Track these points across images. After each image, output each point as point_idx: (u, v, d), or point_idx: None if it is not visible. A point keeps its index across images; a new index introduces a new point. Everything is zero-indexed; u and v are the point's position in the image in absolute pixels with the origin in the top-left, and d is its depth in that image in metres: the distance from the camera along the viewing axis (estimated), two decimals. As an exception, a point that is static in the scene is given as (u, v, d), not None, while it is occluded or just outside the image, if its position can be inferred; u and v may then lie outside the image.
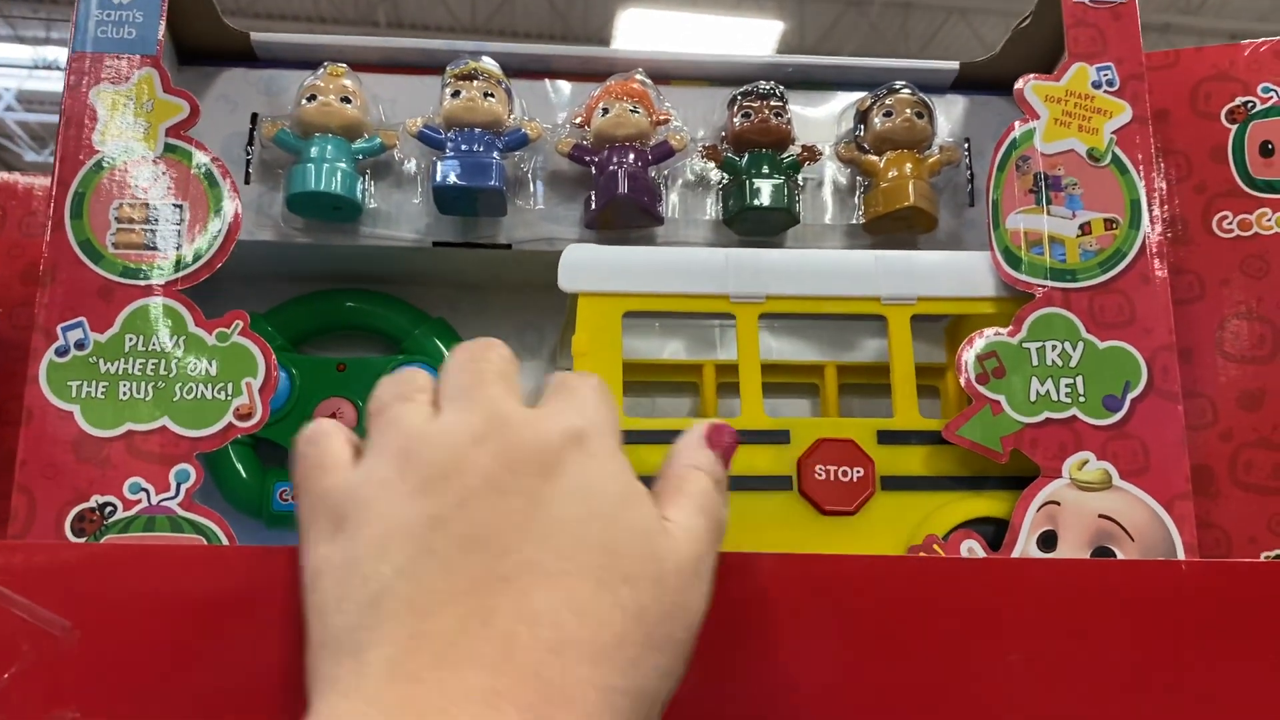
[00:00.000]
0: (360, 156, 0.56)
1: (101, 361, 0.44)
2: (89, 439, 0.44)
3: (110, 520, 0.43)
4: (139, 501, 0.43)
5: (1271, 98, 0.60)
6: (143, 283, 0.46)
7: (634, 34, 5.26)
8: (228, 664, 0.36)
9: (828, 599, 0.38)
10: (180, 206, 0.47)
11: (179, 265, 0.46)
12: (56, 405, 0.44)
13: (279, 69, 0.59)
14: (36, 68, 5.76)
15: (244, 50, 0.59)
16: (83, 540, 0.43)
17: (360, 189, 0.56)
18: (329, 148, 0.55)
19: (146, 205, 0.46)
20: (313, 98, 0.56)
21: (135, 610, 0.37)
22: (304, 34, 0.60)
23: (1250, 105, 0.60)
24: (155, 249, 0.46)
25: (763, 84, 0.59)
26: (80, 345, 0.45)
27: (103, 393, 0.44)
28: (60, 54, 5.64)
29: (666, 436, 0.48)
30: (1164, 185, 0.58)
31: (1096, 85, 0.52)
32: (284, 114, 0.58)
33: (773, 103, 0.58)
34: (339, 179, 0.55)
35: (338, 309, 0.62)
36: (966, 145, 0.61)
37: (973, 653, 0.39)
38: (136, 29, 0.48)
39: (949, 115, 0.62)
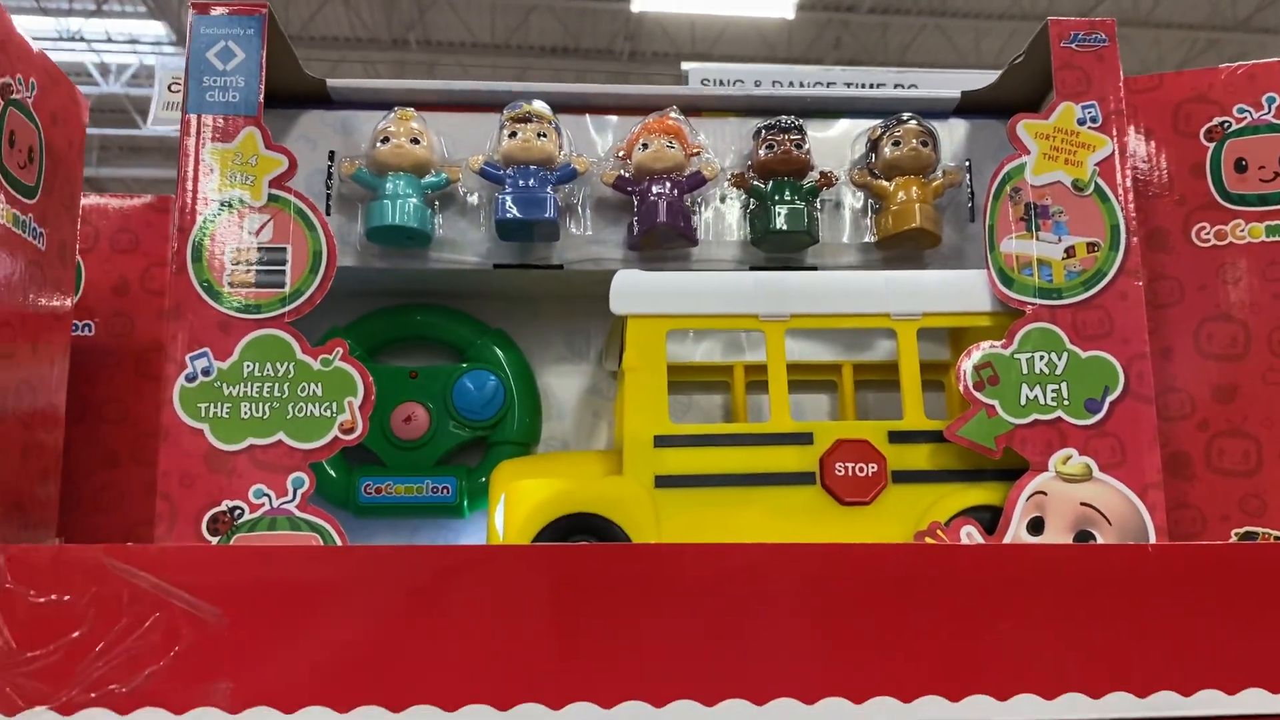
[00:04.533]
0: (429, 191, 0.64)
1: (225, 386, 0.52)
2: (217, 452, 0.52)
3: (239, 521, 0.51)
4: (262, 505, 0.51)
5: (1246, 118, 0.66)
6: (256, 317, 0.53)
7: (653, 3, 5.33)
8: (346, 643, 0.44)
9: (850, 581, 0.46)
10: (284, 249, 0.54)
11: (285, 300, 0.54)
12: (189, 424, 0.52)
13: (352, 110, 0.67)
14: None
15: (321, 94, 0.66)
16: (217, 539, 0.51)
17: (430, 220, 0.64)
18: (401, 184, 0.63)
19: (256, 249, 0.54)
20: (386, 140, 0.63)
21: (271, 597, 0.44)
22: (374, 79, 0.68)
23: (1226, 125, 0.66)
24: (265, 287, 0.54)
25: (785, 119, 0.65)
26: (206, 372, 0.52)
27: (227, 412, 0.52)
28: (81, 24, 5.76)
29: (708, 440, 0.56)
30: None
31: (1081, 122, 0.58)
32: (358, 152, 0.65)
33: (793, 135, 0.65)
34: (412, 212, 0.62)
35: (409, 322, 0.69)
36: (968, 165, 0.68)
37: (970, 623, 0.46)
38: (239, 93, 0.56)
39: (951, 138, 0.69)
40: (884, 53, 6.06)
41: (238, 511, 0.51)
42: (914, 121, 0.65)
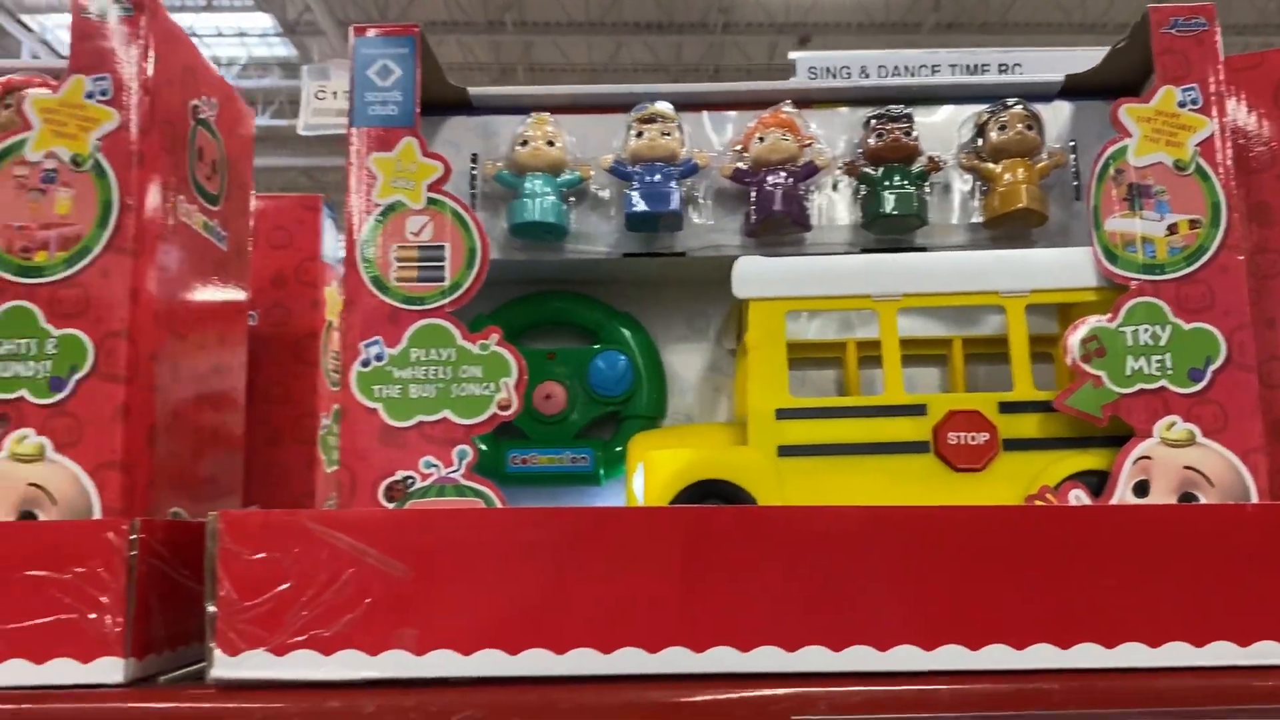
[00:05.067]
0: (564, 188, 0.70)
1: (395, 370, 0.59)
2: (390, 428, 0.58)
3: (411, 489, 0.58)
4: (431, 474, 0.58)
5: (1346, 91, 0.68)
6: (420, 308, 0.60)
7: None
8: (513, 593, 0.50)
9: (964, 541, 0.50)
10: (442, 247, 0.60)
11: (445, 293, 0.60)
12: (364, 404, 0.59)
13: (491, 115, 0.73)
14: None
15: (463, 101, 0.72)
16: (393, 505, 0.57)
17: (565, 215, 0.69)
18: (539, 183, 0.69)
19: (417, 248, 0.60)
20: (525, 143, 0.69)
21: (447, 554, 0.51)
22: (511, 86, 0.74)
23: (1327, 98, 0.68)
24: (427, 281, 0.60)
25: (893, 108, 0.69)
26: (379, 358, 0.59)
27: (398, 393, 0.59)
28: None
29: (827, 413, 0.60)
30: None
31: (1182, 104, 0.61)
32: (497, 155, 0.71)
33: (902, 123, 0.69)
34: (550, 209, 0.68)
35: (546, 308, 0.75)
36: (1073, 145, 0.71)
37: (1080, 576, 0.50)
38: (398, 106, 0.62)
39: (1056, 120, 0.72)
40: (985, 12, 5.94)
41: (409, 481, 0.58)
42: (1019, 106, 0.69)
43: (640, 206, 0.68)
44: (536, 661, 0.49)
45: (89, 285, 0.55)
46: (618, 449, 0.73)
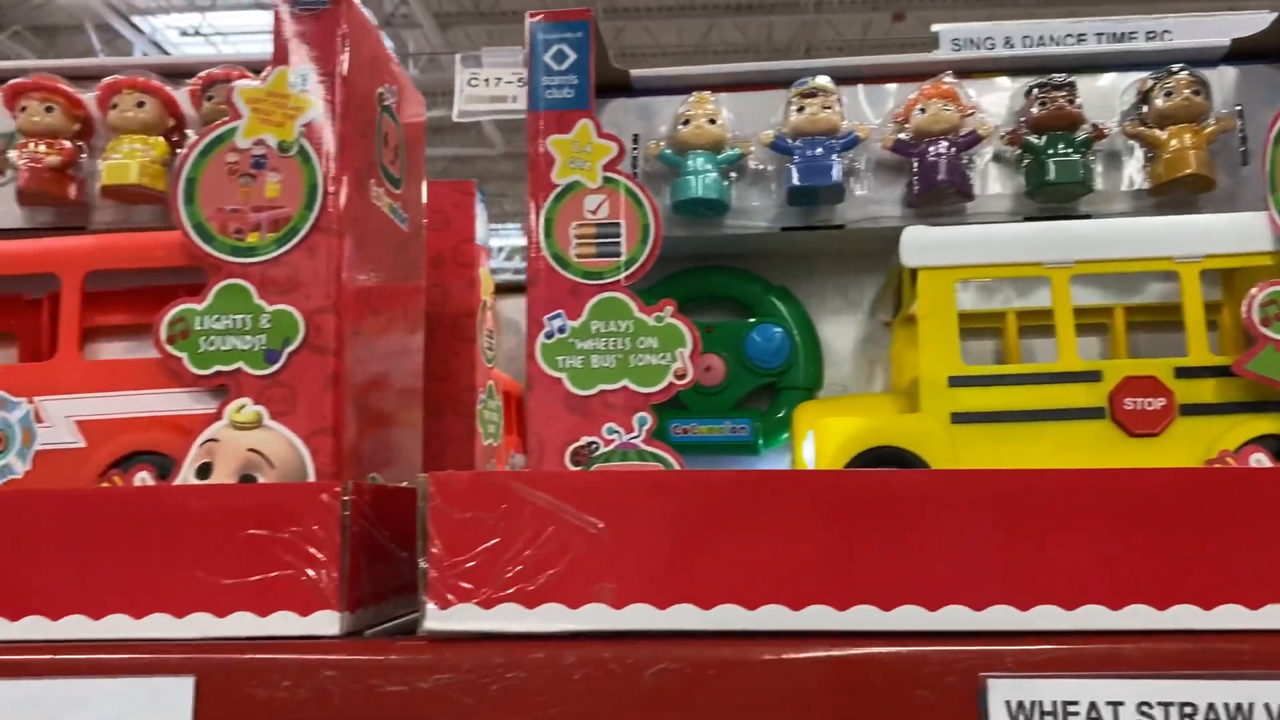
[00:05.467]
0: (725, 165, 0.71)
1: (576, 341, 0.61)
2: (574, 397, 0.61)
3: (595, 454, 0.60)
4: (613, 440, 0.60)
5: None
6: (599, 282, 0.62)
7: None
8: (705, 552, 0.52)
9: (1150, 503, 0.50)
10: (618, 224, 0.63)
11: (622, 268, 0.62)
12: (549, 374, 0.61)
13: (650, 96, 0.75)
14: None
15: (624, 83, 0.74)
16: (578, 468, 0.60)
17: (727, 191, 0.71)
18: (701, 160, 0.70)
19: (595, 225, 0.63)
20: (686, 122, 0.71)
21: (643, 513, 0.53)
22: (671, 67, 0.75)
23: None
24: (604, 256, 0.62)
25: (1056, 76, 0.69)
26: (561, 330, 0.62)
27: (580, 363, 0.61)
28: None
29: (1001, 380, 0.61)
30: None
31: (1363, 63, 0.60)
32: (654, 134, 0.74)
33: (1065, 91, 0.69)
34: (712, 185, 0.70)
35: (704, 282, 0.77)
36: (1239, 110, 0.70)
37: (1264, 540, 0.50)
38: (573, 90, 0.64)
39: (1221, 85, 0.71)
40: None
41: (594, 446, 0.60)
42: (1185, 72, 0.68)
43: (801, 180, 0.69)
44: (729, 616, 0.51)
45: (298, 264, 0.58)
46: (776, 419, 0.74)
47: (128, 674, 0.51)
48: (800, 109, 0.70)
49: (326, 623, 0.53)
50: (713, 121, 0.71)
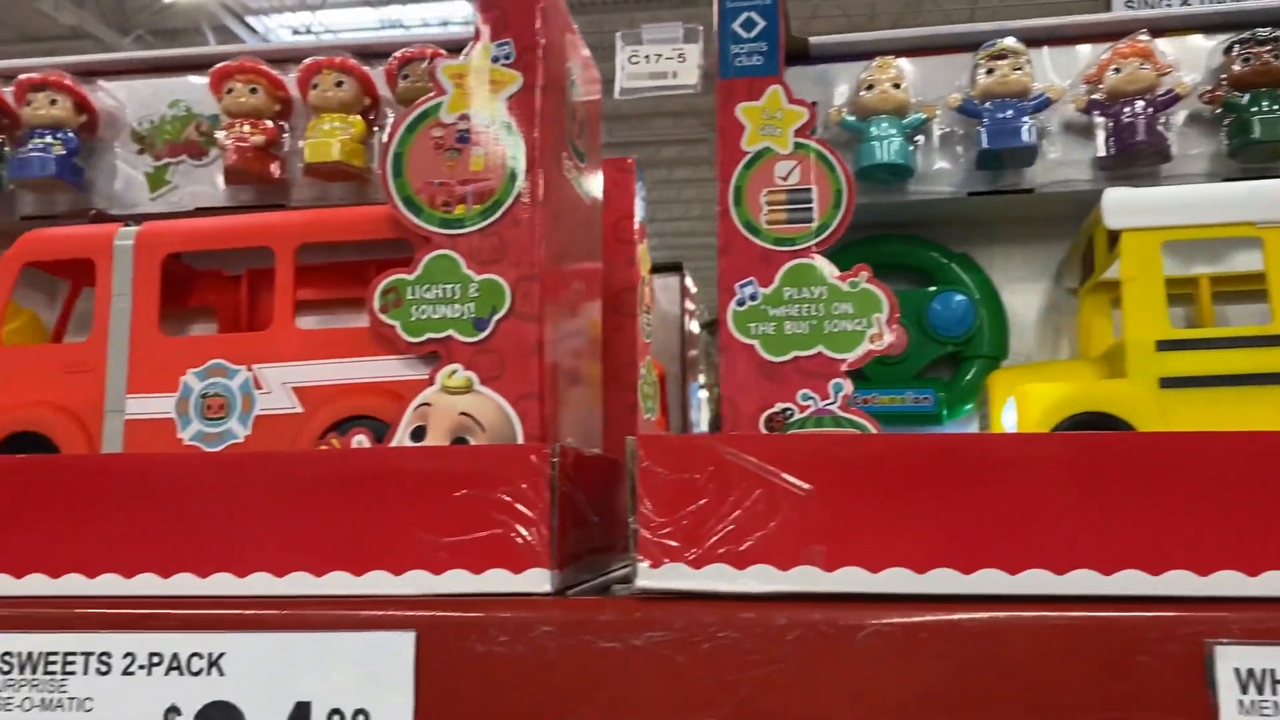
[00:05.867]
0: (909, 130, 0.71)
1: (769, 308, 0.62)
2: (767, 363, 0.61)
3: (790, 420, 0.61)
4: (809, 407, 0.61)
5: None
6: (790, 248, 0.62)
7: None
8: (918, 516, 0.52)
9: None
10: (809, 190, 0.63)
11: (815, 234, 0.62)
12: (741, 340, 0.62)
13: (828, 63, 0.74)
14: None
15: (802, 51, 0.74)
16: (753, 434, 0.60)
17: (912, 156, 0.70)
18: (885, 125, 0.70)
19: (786, 191, 0.63)
20: (870, 87, 0.70)
21: (852, 476, 0.53)
22: (850, 34, 0.75)
23: None
24: (796, 223, 0.62)
25: (1260, 31, 0.67)
26: (753, 297, 0.62)
27: (772, 330, 0.61)
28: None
29: (1211, 344, 0.59)
30: None
31: None
32: (833, 102, 0.73)
33: (1269, 47, 0.66)
34: (898, 150, 0.69)
35: (882, 251, 0.77)
36: None
37: None
38: (763, 56, 0.64)
39: None
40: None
41: (788, 412, 0.61)
42: (1405, 20, 0.65)
43: (992, 143, 0.68)
44: (943, 581, 0.51)
45: (503, 234, 0.60)
46: (961, 388, 0.73)
47: (352, 629, 0.54)
48: (989, 71, 0.69)
49: (538, 580, 0.55)
50: (897, 86, 0.70)
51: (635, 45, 0.90)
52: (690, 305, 1.48)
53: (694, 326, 1.58)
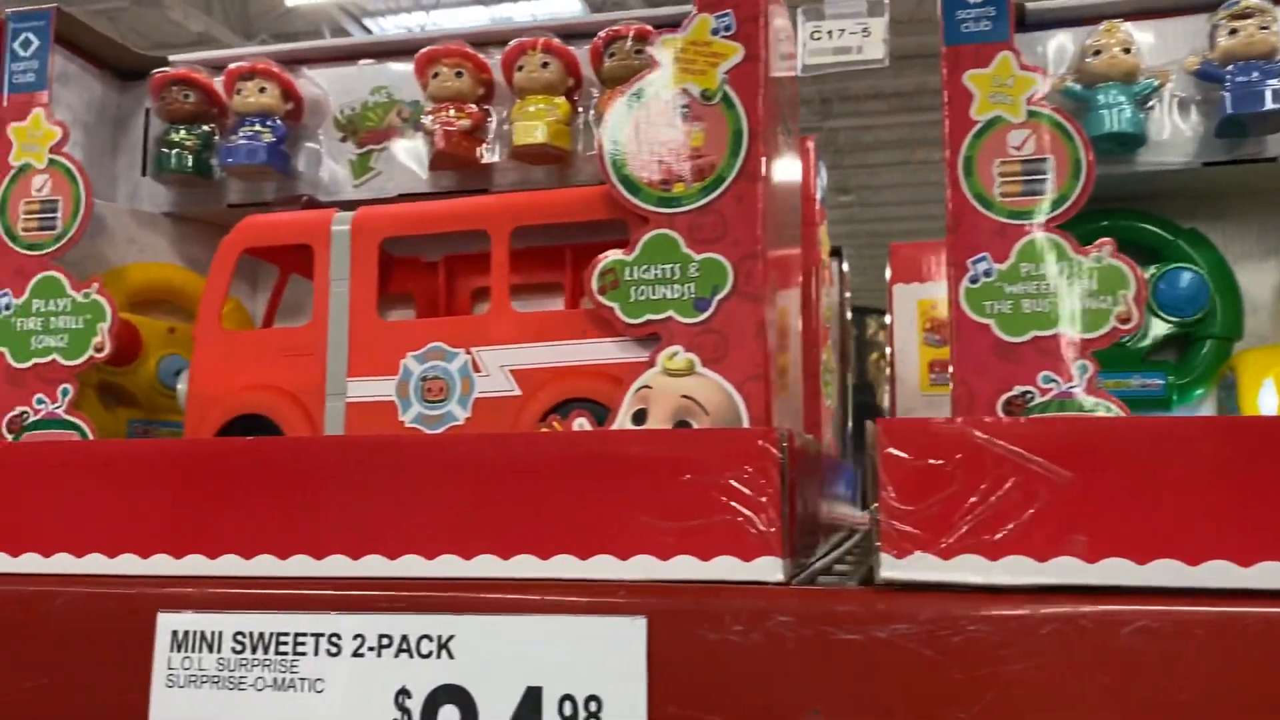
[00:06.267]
0: (1139, 96, 0.66)
1: (1005, 285, 0.59)
2: (1004, 344, 0.58)
3: (1030, 404, 0.57)
4: (1050, 389, 0.57)
5: None
6: (1026, 222, 0.59)
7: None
8: (1189, 505, 0.48)
9: None
10: (1045, 160, 0.59)
11: (1052, 206, 0.59)
12: (976, 320, 0.59)
13: (1043, 30, 0.71)
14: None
15: (1018, 17, 0.70)
16: (1007, 419, 0.57)
17: (1143, 124, 0.66)
18: (1114, 93, 0.66)
19: (1020, 161, 0.60)
20: (1097, 53, 0.66)
21: (1114, 462, 0.49)
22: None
23: None
24: (1030, 195, 0.59)
25: None
26: (987, 274, 0.59)
27: (1009, 309, 0.58)
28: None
29: None
30: None
31: None
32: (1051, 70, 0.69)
33: None
34: (1129, 118, 0.65)
35: (1103, 226, 0.72)
36: None
37: None
38: (991, 22, 0.61)
39: None
40: None
41: (1028, 395, 0.57)
42: None
43: (1236, 108, 0.63)
44: (1217, 574, 0.48)
45: (725, 211, 0.58)
46: (1192, 371, 0.69)
47: (581, 613, 0.53)
48: (1232, 31, 0.64)
49: (770, 569, 0.53)
50: (1126, 51, 0.66)
51: (817, 20, 0.87)
52: (848, 292, 1.45)
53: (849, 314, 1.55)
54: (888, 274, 1.46)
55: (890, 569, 0.50)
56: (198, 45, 6.64)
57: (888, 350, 1.50)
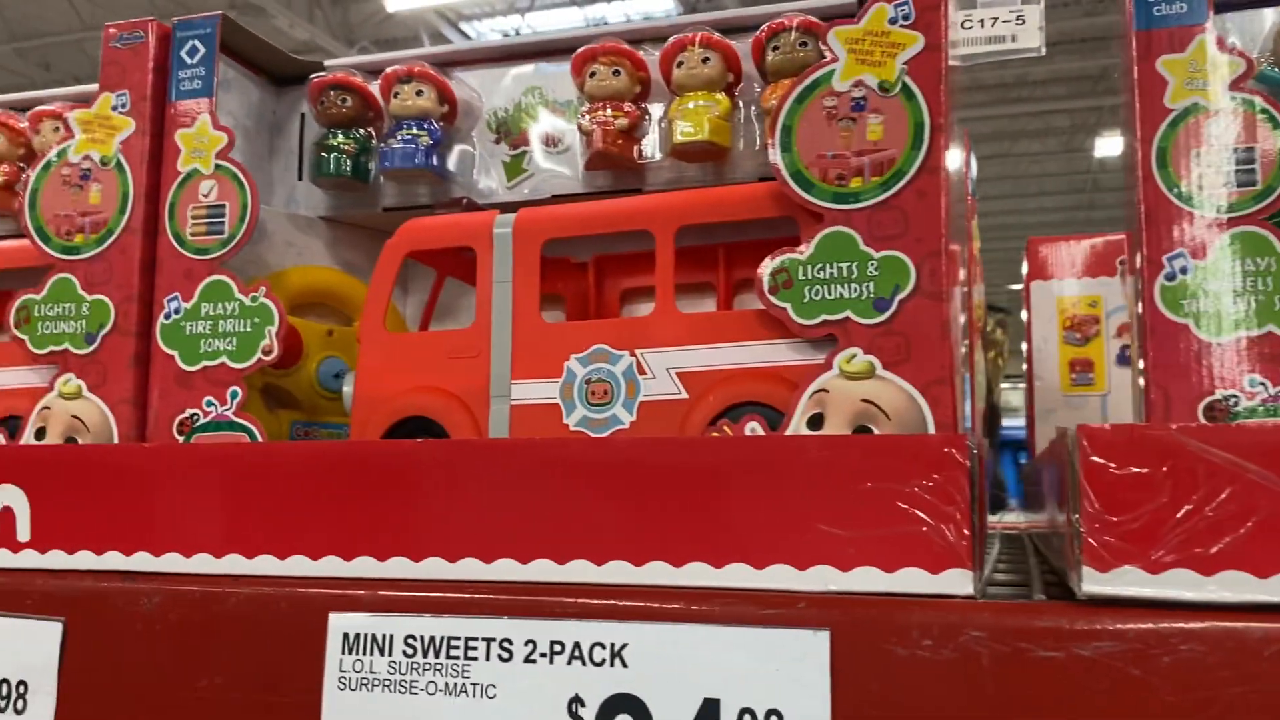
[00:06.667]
0: (1343, 80, 0.62)
1: (1205, 282, 0.55)
2: (1204, 344, 0.55)
3: (1235, 409, 0.54)
4: (1257, 394, 0.54)
5: None
6: (1231, 215, 0.56)
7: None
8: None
9: None
10: (1251, 149, 0.56)
11: (1259, 198, 0.55)
12: (1172, 319, 0.56)
13: (1226, 13, 0.66)
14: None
15: (1207, 0, 0.67)
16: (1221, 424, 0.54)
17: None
18: (1316, 76, 0.62)
19: (1220, 151, 0.56)
20: (1298, 34, 0.62)
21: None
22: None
23: None
24: (1237, 186, 0.56)
25: None
26: (1184, 271, 0.56)
27: (1210, 307, 0.55)
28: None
29: None
30: None
31: None
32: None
33: None
34: (1335, 103, 0.61)
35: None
36: None
37: None
38: (1187, 3, 0.58)
39: None
40: None
41: (1233, 400, 0.54)
42: None
43: None
44: None
45: (905, 207, 0.56)
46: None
47: (758, 625, 0.51)
48: None
49: (959, 581, 0.51)
50: (1331, 32, 0.62)
51: (969, 9, 0.84)
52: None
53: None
54: (1024, 270, 1.41)
55: (1093, 583, 0.48)
56: (302, 53, 6.80)
57: (1023, 348, 1.45)
